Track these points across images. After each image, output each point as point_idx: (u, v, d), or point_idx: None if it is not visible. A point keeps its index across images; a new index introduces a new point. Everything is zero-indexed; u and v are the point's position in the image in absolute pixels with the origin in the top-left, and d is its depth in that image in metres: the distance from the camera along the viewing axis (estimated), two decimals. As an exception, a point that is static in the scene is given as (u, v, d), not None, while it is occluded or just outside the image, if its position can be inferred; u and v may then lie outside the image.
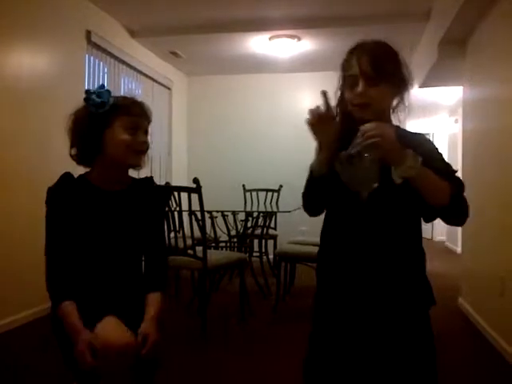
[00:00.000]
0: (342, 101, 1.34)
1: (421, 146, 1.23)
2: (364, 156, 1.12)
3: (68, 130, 1.48)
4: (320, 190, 1.31)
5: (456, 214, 1.22)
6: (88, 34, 4.32)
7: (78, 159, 1.50)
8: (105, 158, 1.45)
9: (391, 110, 1.34)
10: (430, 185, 1.17)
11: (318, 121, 1.24)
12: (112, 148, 1.43)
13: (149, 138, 1.53)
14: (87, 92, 1.44)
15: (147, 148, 1.50)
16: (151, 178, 1.62)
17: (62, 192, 1.44)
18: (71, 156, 1.50)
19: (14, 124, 3.45)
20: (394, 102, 1.33)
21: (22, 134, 3.52)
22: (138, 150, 1.46)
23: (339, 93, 1.36)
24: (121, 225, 1.49)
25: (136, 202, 1.52)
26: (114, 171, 1.48)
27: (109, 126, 1.42)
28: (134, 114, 1.45)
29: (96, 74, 4.63)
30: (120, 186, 1.51)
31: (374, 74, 1.23)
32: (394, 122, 1.36)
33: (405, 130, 1.35)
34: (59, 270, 1.41)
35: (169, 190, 1.70)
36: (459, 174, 1.32)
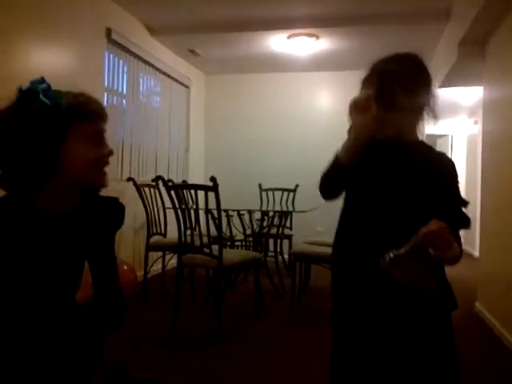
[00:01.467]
0: None
1: (439, 168, 1.25)
2: (426, 254, 1.09)
3: None
4: (339, 178, 1.31)
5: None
6: (108, 31, 4.37)
7: (6, 182, 1.09)
8: (58, 179, 1.09)
9: (416, 127, 1.33)
10: (450, 260, 1.18)
11: (359, 106, 1.22)
12: (72, 167, 1.08)
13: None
14: (30, 89, 1.07)
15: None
16: (116, 199, 1.30)
17: None
18: None
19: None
20: (417, 118, 1.32)
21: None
22: (106, 165, 1.16)
23: None
24: (59, 257, 1.18)
25: (84, 227, 1.20)
26: (66, 194, 1.13)
27: (65, 138, 1.06)
28: (95, 117, 1.12)
29: (115, 72, 4.67)
30: (66, 208, 1.16)
31: (384, 99, 1.23)
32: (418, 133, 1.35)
33: (429, 149, 1.34)
34: None
35: (122, 213, 1.30)
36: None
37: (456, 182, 1.29)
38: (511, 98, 3.39)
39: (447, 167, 1.28)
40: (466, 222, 1.26)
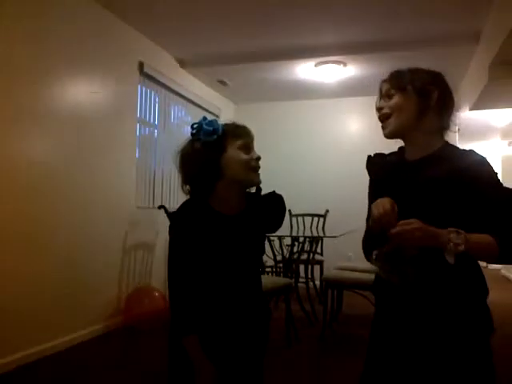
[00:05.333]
0: None
1: (468, 170, 1.22)
2: (404, 254, 1.18)
3: (180, 168, 1.49)
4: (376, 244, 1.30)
5: (506, 262, 1.21)
6: (140, 65, 4.53)
7: (193, 193, 1.49)
8: (225, 182, 1.45)
9: (432, 127, 1.33)
10: (480, 253, 1.18)
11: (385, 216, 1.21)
12: (233, 170, 1.44)
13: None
14: (197, 125, 1.47)
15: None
16: (280, 196, 1.63)
17: (184, 218, 1.45)
18: (185, 192, 1.51)
19: (69, 150, 3.63)
20: (432, 122, 1.32)
21: (77, 163, 3.69)
22: (257, 167, 1.50)
23: None
24: (244, 249, 1.49)
25: (257, 221, 1.53)
26: (234, 193, 1.48)
27: (224, 151, 1.44)
28: (243, 134, 1.48)
29: (147, 103, 4.82)
30: (239, 207, 1.50)
31: (391, 87, 1.34)
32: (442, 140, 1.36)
33: (453, 150, 1.32)
34: (186, 302, 1.40)
35: (282, 202, 1.62)
36: None
37: (493, 176, 1.25)
38: (546, 118, 3.32)
39: (478, 167, 1.25)
40: None
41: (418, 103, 1.31)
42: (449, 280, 1.23)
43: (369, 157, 1.48)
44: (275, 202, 1.60)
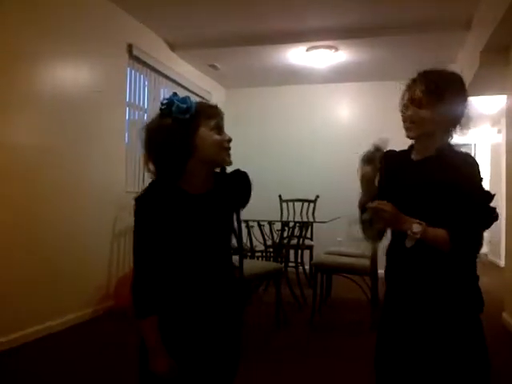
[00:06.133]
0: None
1: (459, 169, 1.36)
2: (373, 226, 1.46)
3: (145, 144, 1.42)
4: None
5: (460, 254, 1.37)
6: (129, 47, 4.46)
7: (159, 172, 1.42)
8: (195, 162, 1.41)
9: (446, 132, 1.45)
10: (434, 244, 1.36)
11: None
12: (206, 150, 1.41)
13: None
14: (168, 101, 1.40)
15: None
16: (245, 173, 1.61)
17: (151, 201, 1.39)
18: (149, 171, 1.43)
19: (56, 135, 3.59)
20: (448, 125, 1.44)
21: (65, 148, 3.65)
22: (228, 148, 1.50)
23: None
24: (214, 227, 1.47)
25: (225, 199, 1.52)
26: (204, 173, 1.46)
27: (197, 129, 1.40)
28: (215, 115, 1.46)
29: (136, 87, 4.76)
30: (207, 186, 1.48)
31: (425, 96, 1.40)
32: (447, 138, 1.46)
33: (450, 150, 1.44)
34: (148, 284, 1.36)
35: (248, 180, 1.62)
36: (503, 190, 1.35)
37: (478, 182, 1.38)
38: (535, 105, 3.35)
39: (468, 169, 1.38)
40: (487, 220, 1.37)
41: (446, 120, 1.42)
42: (447, 267, 1.38)
43: (384, 153, 1.56)
44: (241, 179, 1.59)
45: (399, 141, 1.55)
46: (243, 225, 3.45)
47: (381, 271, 3.86)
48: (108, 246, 4.17)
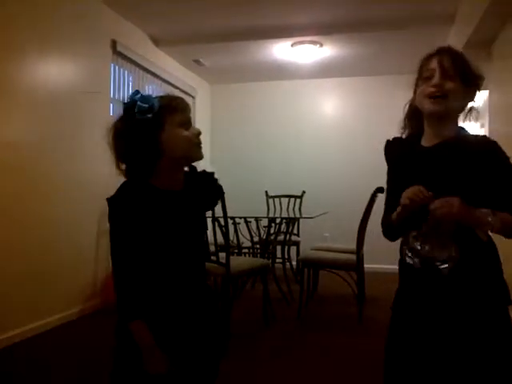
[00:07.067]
0: (411, 112, 1.43)
1: (481, 155, 1.29)
2: (440, 231, 1.23)
3: (112, 146, 1.40)
4: (407, 223, 1.33)
5: None
6: (113, 43, 4.41)
7: (130, 172, 1.40)
8: (166, 160, 1.38)
9: (462, 114, 1.40)
10: (505, 231, 1.25)
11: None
12: (175, 148, 1.37)
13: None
14: (130, 101, 1.37)
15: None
16: (212, 173, 1.56)
17: (125, 201, 1.35)
18: (120, 171, 1.41)
19: (40, 132, 3.54)
20: (467, 106, 1.39)
21: (48, 144, 3.60)
22: (199, 143, 1.44)
23: (408, 105, 1.45)
24: (190, 225, 1.45)
25: (197, 199, 1.49)
26: (176, 170, 1.43)
27: (162, 128, 1.36)
28: (180, 109, 1.41)
29: (121, 83, 4.71)
30: (180, 184, 1.45)
31: (453, 68, 1.32)
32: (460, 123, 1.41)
33: (466, 135, 1.38)
34: (133, 286, 1.33)
35: (219, 186, 1.59)
36: None
37: (504, 161, 1.31)
38: (517, 100, 3.39)
39: (492, 155, 1.31)
40: None
41: (469, 95, 1.38)
42: (470, 258, 1.28)
43: (387, 142, 1.47)
44: (209, 181, 1.56)
45: (384, 135, 1.54)
46: (230, 222, 3.43)
47: (367, 266, 3.90)
48: (94, 243, 4.13)
